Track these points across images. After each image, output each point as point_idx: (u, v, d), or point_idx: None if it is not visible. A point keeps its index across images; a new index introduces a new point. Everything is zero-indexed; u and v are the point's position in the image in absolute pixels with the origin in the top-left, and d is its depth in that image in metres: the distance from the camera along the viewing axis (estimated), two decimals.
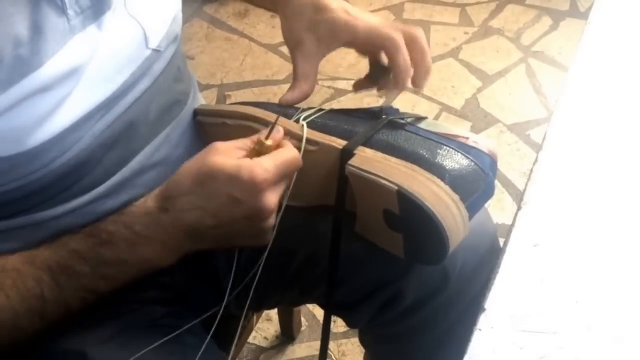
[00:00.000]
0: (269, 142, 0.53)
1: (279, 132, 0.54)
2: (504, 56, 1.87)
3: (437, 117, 1.70)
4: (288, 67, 1.87)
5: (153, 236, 0.51)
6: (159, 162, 0.60)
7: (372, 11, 2.05)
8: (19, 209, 0.53)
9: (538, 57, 1.86)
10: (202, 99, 0.73)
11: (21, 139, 0.47)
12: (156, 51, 0.56)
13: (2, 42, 0.44)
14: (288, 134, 0.57)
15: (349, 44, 0.61)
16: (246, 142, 0.53)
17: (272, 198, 0.51)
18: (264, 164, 0.50)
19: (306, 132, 0.57)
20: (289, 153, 0.52)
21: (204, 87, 1.81)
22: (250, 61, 1.90)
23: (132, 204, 0.53)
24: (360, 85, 0.67)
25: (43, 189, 0.52)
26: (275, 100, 0.62)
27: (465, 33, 1.97)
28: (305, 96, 0.62)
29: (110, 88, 0.52)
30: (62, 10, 0.47)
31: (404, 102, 1.74)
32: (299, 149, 0.57)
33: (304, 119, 0.58)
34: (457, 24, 2.00)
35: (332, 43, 0.61)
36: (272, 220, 0.53)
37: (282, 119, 0.58)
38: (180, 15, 0.62)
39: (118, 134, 0.55)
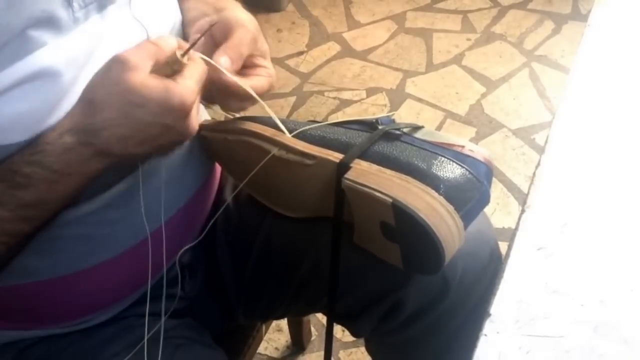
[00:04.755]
0: (185, 60, 0.50)
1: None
2: (507, 61, 1.87)
3: (441, 124, 1.70)
4: (294, 80, 1.88)
5: (75, 171, 0.49)
6: (165, 172, 0.61)
7: (375, 21, 2.06)
8: None
9: (541, 61, 1.86)
10: (206, 112, 0.74)
11: (31, 125, 0.48)
12: None
13: (13, 22, 0.46)
14: (282, 147, 0.58)
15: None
16: (152, 52, 0.50)
17: (196, 117, 0.51)
18: (189, 85, 0.49)
19: (304, 147, 0.58)
20: (201, 66, 0.52)
21: None
22: None
23: (43, 140, 0.49)
24: None
25: None
26: (282, 113, 0.63)
27: (468, 40, 1.97)
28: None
29: None
30: (68, 2, 0.50)
31: (409, 110, 1.75)
32: (296, 162, 0.57)
33: (293, 129, 0.59)
34: (459, 31, 2.01)
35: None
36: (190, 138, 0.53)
37: (276, 133, 0.59)
38: (180, 21, 0.63)
39: None
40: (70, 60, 0.49)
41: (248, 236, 0.70)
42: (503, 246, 0.67)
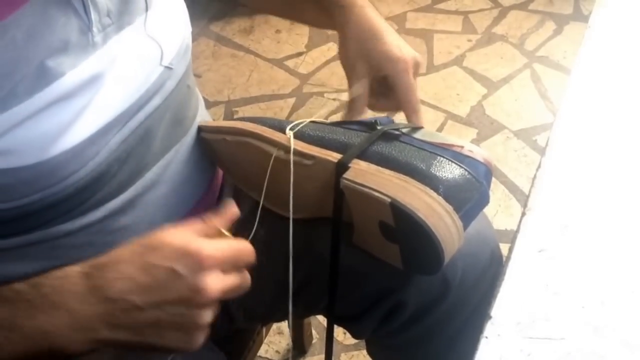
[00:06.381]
0: (226, 234, 0.49)
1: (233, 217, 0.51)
2: (509, 62, 1.87)
3: (442, 126, 1.70)
4: (293, 81, 1.88)
5: (61, 303, 0.44)
6: (169, 179, 0.61)
7: None
8: (37, 223, 0.53)
9: (543, 62, 1.86)
10: (209, 115, 0.74)
11: (43, 148, 0.48)
12: (168, 68, 0.58)
13: (31, 55, 0.46)
14: (281, 147, 0.58)
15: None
16: (197, 226, 0.48)
17: (215, 282, 0.44)
18: (216, 244, 0.46)
19: (302, 147, 0.58)
20: (244, 245, 0.48)
21: (211, 104, 1.82)
22: (257, 76, 1.92)
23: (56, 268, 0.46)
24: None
25: (61, 203, 0.53)
26: (282, 114, 0.64)
27: (469, 40, 1.97)
28: (361, 113, 0.64)
29: (126, 102, 0.54)
30: (88, 27, 0.50)
31: None
32: (295, 163, 0.57)
33: (292, 130, 0.59)
34: (460, 31, 2.01)
35: (378, 72, 0.64)
36: (207, 316, 0.45)
37: (275, 133, 0.59)
38: (189, 33, 0.64)
39: (132, 148, 0.56)
40: (85, 84, 0.50)
41: (247, 238, 0.70)
42: (505, 248, 0.67)
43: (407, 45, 0.66)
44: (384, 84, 0.65)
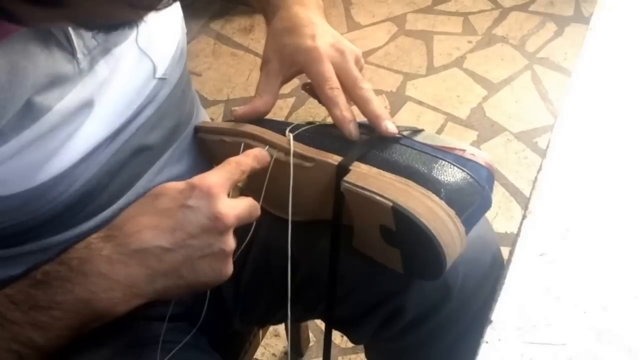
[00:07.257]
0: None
1: None
2: (509, 64, 1.87)
3: (442, 127, 1.69)
4: (293, 81, 1.87)
5: (92, 270, 0.45)
6: (164, 182, 0.60)
7: (375, 23, 2.05)
8: (29, 237, 0.54)
9: (543, 63, 1.86)
10: (206, 114, 0.74)
11: (30, 176, 0.47)
12: (162, 79, 0.57)
13: (17, 95, 0.45)
14: (281, 149, 0.57)
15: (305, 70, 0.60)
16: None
17: (228, 206, 0.47)
18: (213, 172, 0.49)
19: (302, 149, 0.57)
20: (238, 159, 0.52)
21: (211, 103, 1.82)
22: (256, 76, 1.90)
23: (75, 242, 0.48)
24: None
25: (52, 219, 0.53)
26: (281, 114, 0.63)
27: (469, 42, 1.96)
28: (258, 113, 0.60)
29: (118, 121, 0.53)
30: (72, 55, 0.49)
31: (409, 113, 1.74)
32: (294, 165, 0.57)
33: (291, 132, 0.58)
34: (460, 33, 2.00)
35: (291, 67, 0.60)
36: (231, 242, 0.48)
37: (275, 135, 0.58)
38: (184, 35, 0.63)
39: (123, 161, 0.56)
40: (74, 112, 0.49)
41: (245, 240, 0.70)
42: (506, 251, 0.67)
43: (336, 36, 0.61)
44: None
